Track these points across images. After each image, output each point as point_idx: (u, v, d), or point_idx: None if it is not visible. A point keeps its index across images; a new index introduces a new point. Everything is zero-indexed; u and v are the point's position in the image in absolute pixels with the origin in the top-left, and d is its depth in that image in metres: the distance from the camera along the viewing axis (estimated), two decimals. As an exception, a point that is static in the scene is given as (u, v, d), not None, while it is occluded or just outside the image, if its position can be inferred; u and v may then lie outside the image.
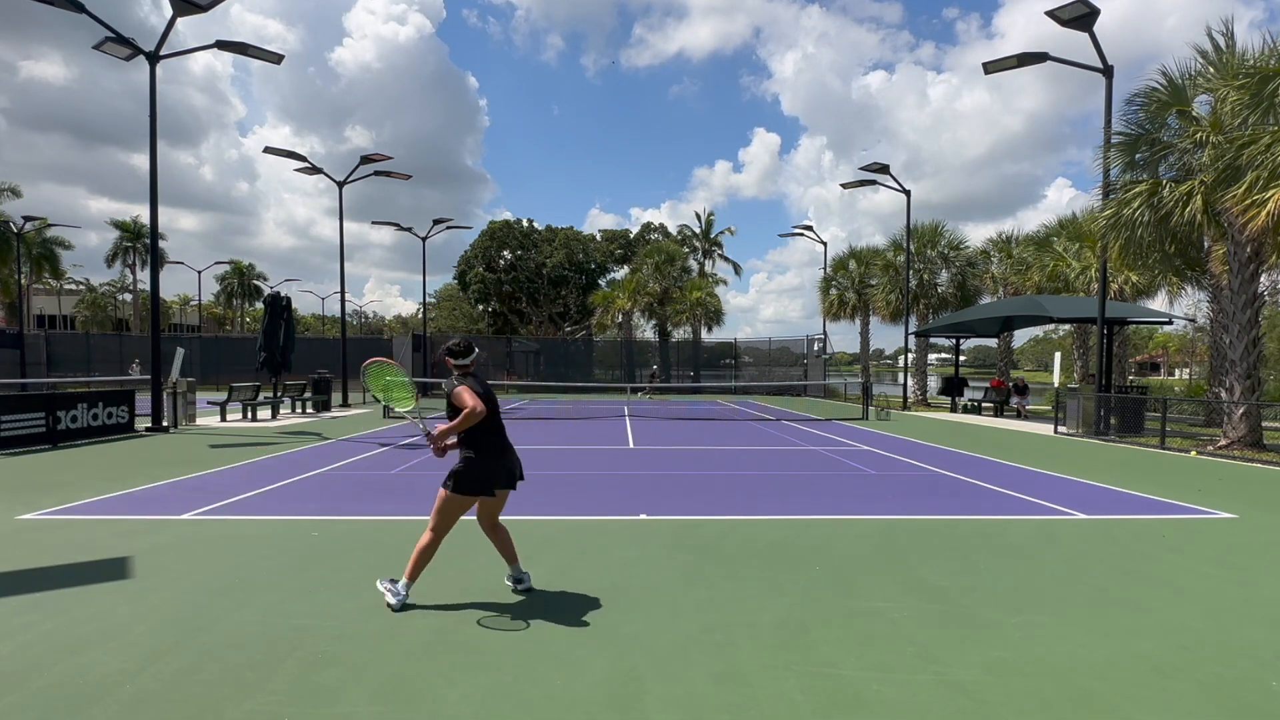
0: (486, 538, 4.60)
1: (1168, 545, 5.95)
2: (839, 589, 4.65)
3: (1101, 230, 14.20)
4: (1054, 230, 25.34)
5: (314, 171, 21.56)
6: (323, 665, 3.38)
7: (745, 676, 3.31)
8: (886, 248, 29.79)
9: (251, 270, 64.38)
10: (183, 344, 21.78)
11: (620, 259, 52.85)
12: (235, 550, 5.48)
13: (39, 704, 2.99)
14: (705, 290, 37.86)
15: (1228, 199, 11.77)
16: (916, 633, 3.87)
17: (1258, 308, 13.05)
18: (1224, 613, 4.29)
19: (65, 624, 3.90)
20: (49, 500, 7.29)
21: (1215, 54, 12.83)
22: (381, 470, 9.59)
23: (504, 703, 3.04)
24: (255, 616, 4.02)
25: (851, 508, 7.47)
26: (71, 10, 12.38)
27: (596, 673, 3.34)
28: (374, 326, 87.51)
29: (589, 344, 40.90)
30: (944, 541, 5.98)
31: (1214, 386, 18.91)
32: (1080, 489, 8.67)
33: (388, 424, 16.42)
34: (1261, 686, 3.28)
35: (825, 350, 32.25)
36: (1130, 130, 13.91)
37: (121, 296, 62.23)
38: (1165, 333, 62.21)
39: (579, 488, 8.47)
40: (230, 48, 14.61)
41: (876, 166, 23.06)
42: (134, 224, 52.55)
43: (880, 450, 12.45)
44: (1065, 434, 15.48)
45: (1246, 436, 12.57)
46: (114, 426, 13.26)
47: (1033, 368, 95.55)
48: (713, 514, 7.00)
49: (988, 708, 3.03)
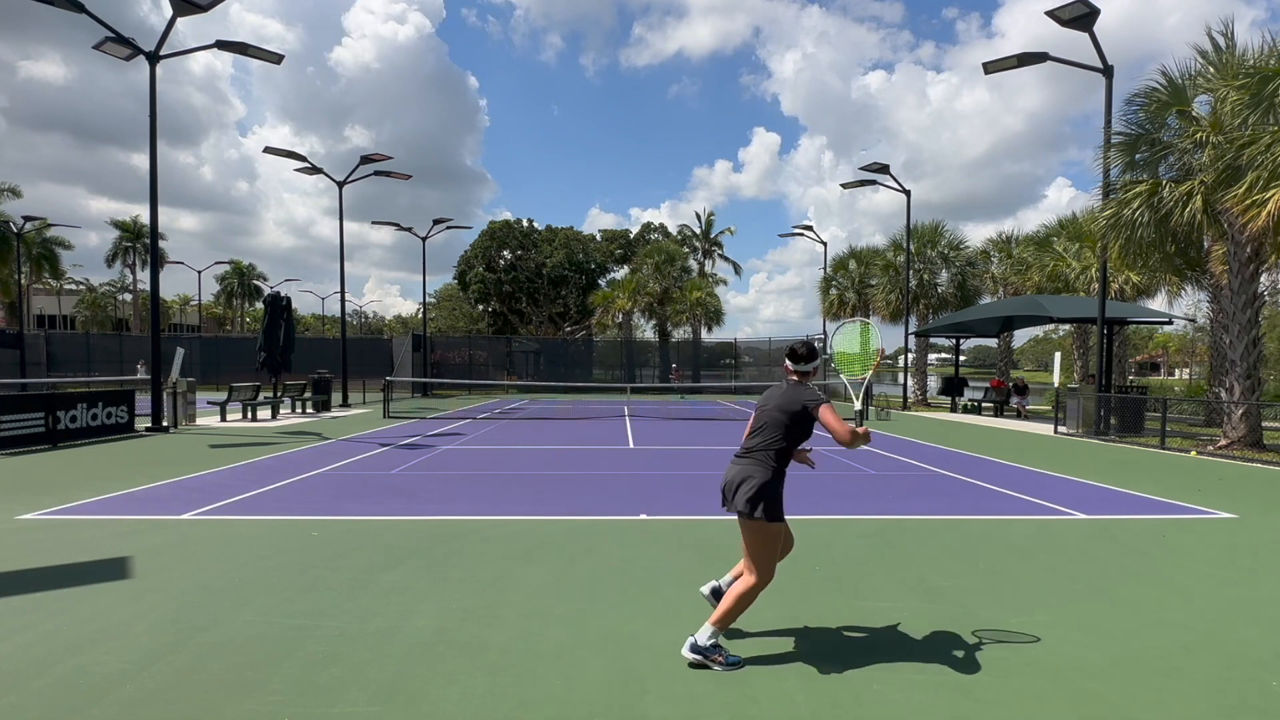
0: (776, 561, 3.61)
1: (1168, 545, 5.95)
2: (839, 589, 4.64)
3: (1101, 230, 14.20)
4: (1054, 230, 25.35)
5: (314, 171, 21.56)
6: (323, 665, 3.38)
7: (745, 676, 3.31)
8: (886, 248, 29.80)
9: (251, 270, 64.39)
10: (182, 344, 21.78)
11: (620, 259, 52.85)
12: (235, 550, 5.48)
13: (39, 704, 2.99)
14: (705, 290, 37.86)
15: (1228, 199, 11.77)
16: (916, 633, 3.88)
17: (1258, 308, 13.05)
18: (1224, 613, 4.29)
19: (65, 624, 3.90)
20: (49, 500, 7.29)
21: (1215, 54, 12.83)
22: (381, 470, 9.59)
23: (504, 703, 3.04)
24: (255, 616, 4.02)
25: (851, 508, 7.47)
26: (71, 10, 12.38)
27: (596, 673, 3.34)
28: (374, 326, 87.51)
29: (589, 344, 40.89)
30: (944, 541, 5.98)
31: (1214, 386, 18.92)
32: (1080, 489, 8.67)
33: (388, 424, 16.42)
34: (1261, 686, 3.28)
35: (825, 350, 32.24)
36: (1130, 130, 13.91)
37: (121, 296, 62.24)
38: (1165, 333, 62.25)
39: (579, 488, 8.47)
40: (230, 48, 14.61)
41: (876, 166, 23.05)
42: (134, 224, 52.55)
43: (880, 450, 12.44)
44: (1065, 434, 15.48)
45: (1246, 436, 12.57)
46: (114, 426, 13.26)
47: (1033, 368, 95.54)
48: (713, 514, 6.99)
49: (988, 708, 3.03)
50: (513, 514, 6.93)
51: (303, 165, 21.04)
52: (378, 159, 21.73)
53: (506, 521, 6.59)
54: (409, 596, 4.39)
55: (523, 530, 6.25)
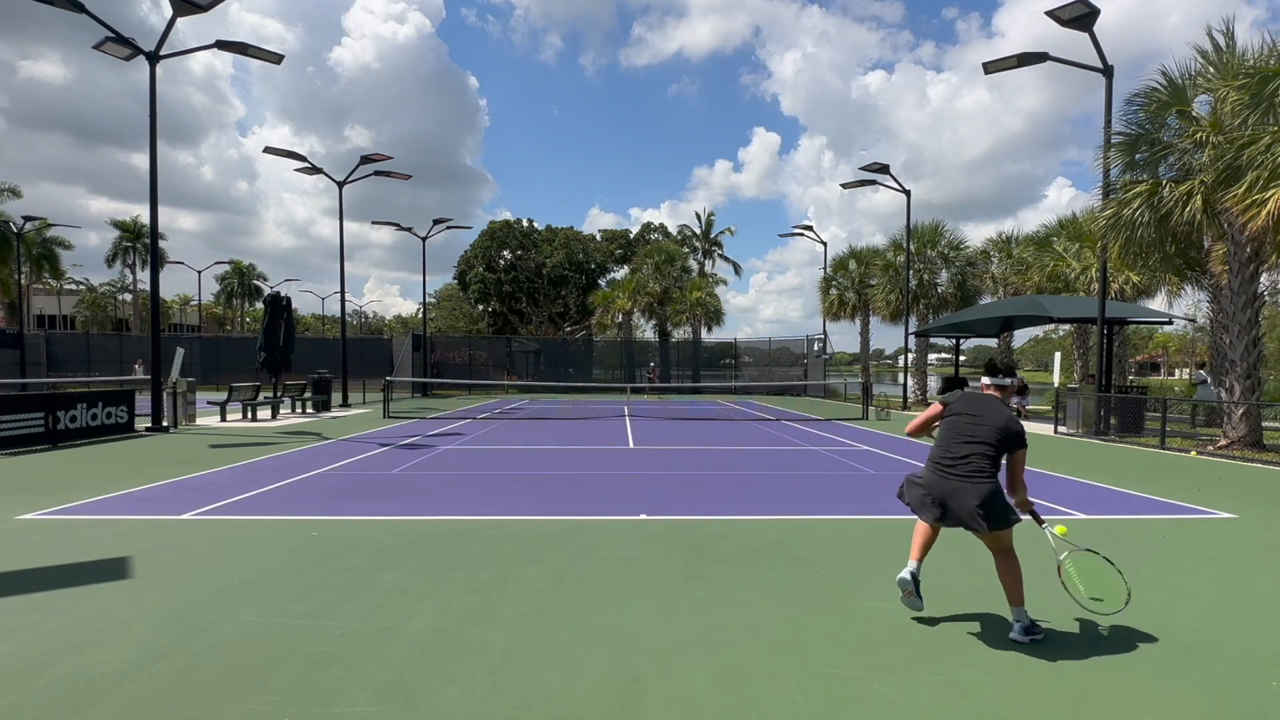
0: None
1: (1168, 545, 5.95)
2: (839, 589, 4.65)
3: (1101, 230, 14.19)
4: (1054, 230, 25.33)
5: (314, 171, 21.55)
6: (323, 665, 3.38)
7: (745, 676, 3.31)
8: (886, 248, 29.77)
9: (251, 270, 64.37)
10: (182, 344, 21.77)
11: (620, 259, 52.86)
12: (235, 550, 5.48)
13: (39, 704, 2.99)
14: (705, 290, 37.85)
15: (1228, 199, 11.76)
16: (916, 633, 3.87)
17: (1258, 308, 13.05)
18: (1224, 613, 4.29)
19: (65, 624, 3.90)
20: (49, 500, 7.29)
21: (1215, 54, 12.82)
22: (381, 470, 9.59)
23: (504, 703, 3.04)
24: (255, 616, 4.02)
25: (851, 508, 7.47)
26: (71, 10, 12.38)
27: (596, 673, 3.34)
28: (374, 326, 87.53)
29: (589, 344, 40.88)
30: (944, 541, 5.96)
31: (1214, 386, 18.91)
32: (1080, 489, 8.67)
33: (388, 424, 16.42)
34: (1261, 686, 3.28)
35: (825, 350, 32.23)
36: (1130, 130, 13.90)
37: (121, 296, 62.25)
38: (1165, 333, 62.26)
39: (579, 488, 8.47)
40: (230, 48, 14.60)
41: (876, 166, 23.04)
42: (134, 224, 52.53)
43: (880, 450, 12.44)
44: (1065, 434, 15.48)
45: (1246, 436, 12.57)
46: (114, 426, 13.26)
47: (1033, 368, 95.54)
48: (713, 514, 7.00)
49: (988, 708, 3.03)
50: (513, 514, 6.93)
51: (303, 165, 21.04)
52: (378, 159, 21.72)
53: (506, 521, 6.59)
54: (409, 596, 4.39)
55: (523, 530, 6.25)
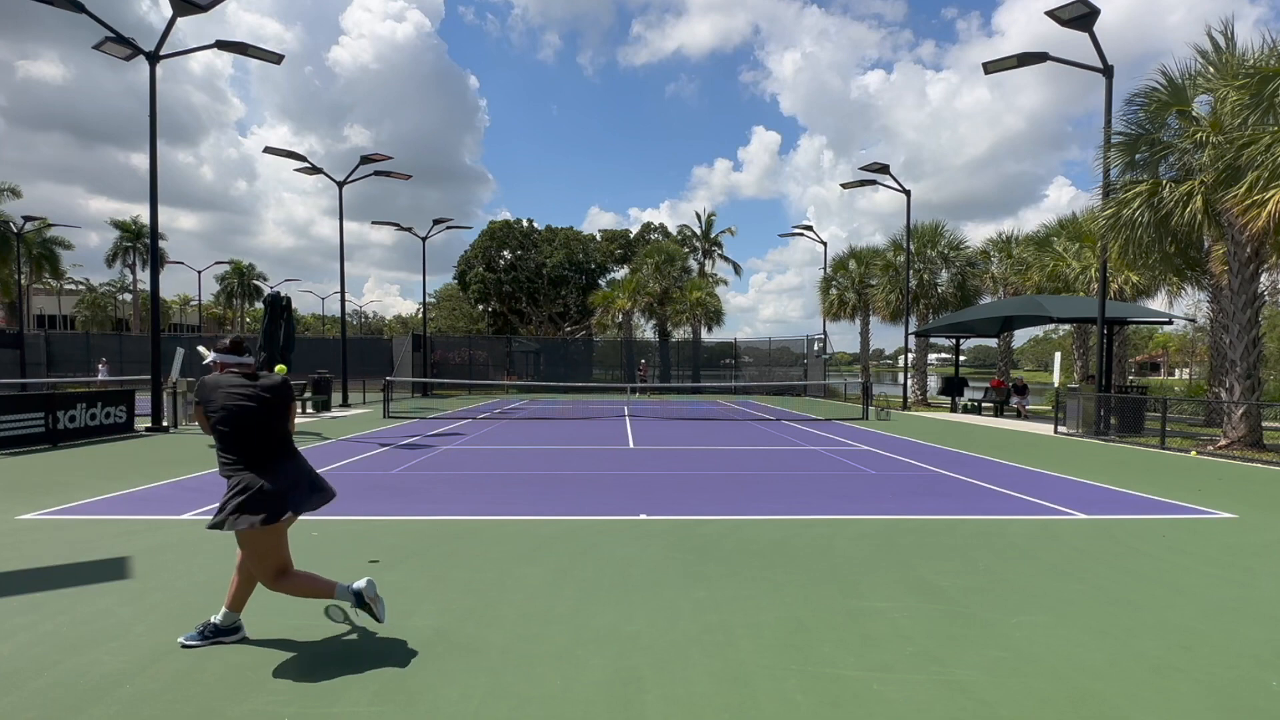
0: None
1: (1168, 545, 5.95)
2: (839, 589, 4.64)
3: (1101, 230, 14.19)
4: (1054, 230, 25.34)
5: (313, 171, 21.55)
6: (323, 665, 3.38)
7: (745, 676, 3.31)
8: (886, 248, 29.78)
9: (251, 270, 64.38)
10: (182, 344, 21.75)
11: (620, 259, 52.86)
12: (235, 550, 5.46)
13: (39, 704, 2.98)
14: (705, 290, 37.87)
15: (1228, 199, 11.77)
16: (916, 633, 3.87)
17: (1258, 308, 13.05)
18: (1224, 613, 4.29)
19: (65, 624, 3.90)
20: (49, 500, 7.28)
21: (1215, 54, 12.82)
22: (381, 470, 9.58)
23: (504, 703, 3.04)
24: (255, 616, 4.01)
25: (851, 508, 7.46)
26: (71, 10, 12.37)
27: (596, 672, 3.34)
28: (374, 326, 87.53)
29: (589, 344, 40.87)
30: (944, 541, 5.98)
31: (1214, 386, 18.91)
32: (1080, 489, 8.67)
33: (388, 424, 16.42)
34: (1261, 686, 3.28)
35: (825, 350, 32.23)
36: (1130, 130, 13.90)
37: (121, 296, 62.27)
38: (1165, 333, 62.21)
39: (579, 488, 8.47)
40: (230, 48, 14.60)
41: (876, 166, 23.04)
42: (134, 224, 52.54)
43: (880, 450, 12.44)
44: (1065, 434, 15.48)
45: (1246, 436, 12.57)
46: (113, 426, 13.25)
47: (1033, 368, 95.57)
48: (713, 514, 6.99)
49: (988, 708, 3.03)
50: (513, 514, 6.93)
51: (302, 165, 21.04)
52: (377, 159, 21.72)
53: (506, 521, 6.59)
54: (409, 596, 4.39)
55: (523, 530, 6.25)
